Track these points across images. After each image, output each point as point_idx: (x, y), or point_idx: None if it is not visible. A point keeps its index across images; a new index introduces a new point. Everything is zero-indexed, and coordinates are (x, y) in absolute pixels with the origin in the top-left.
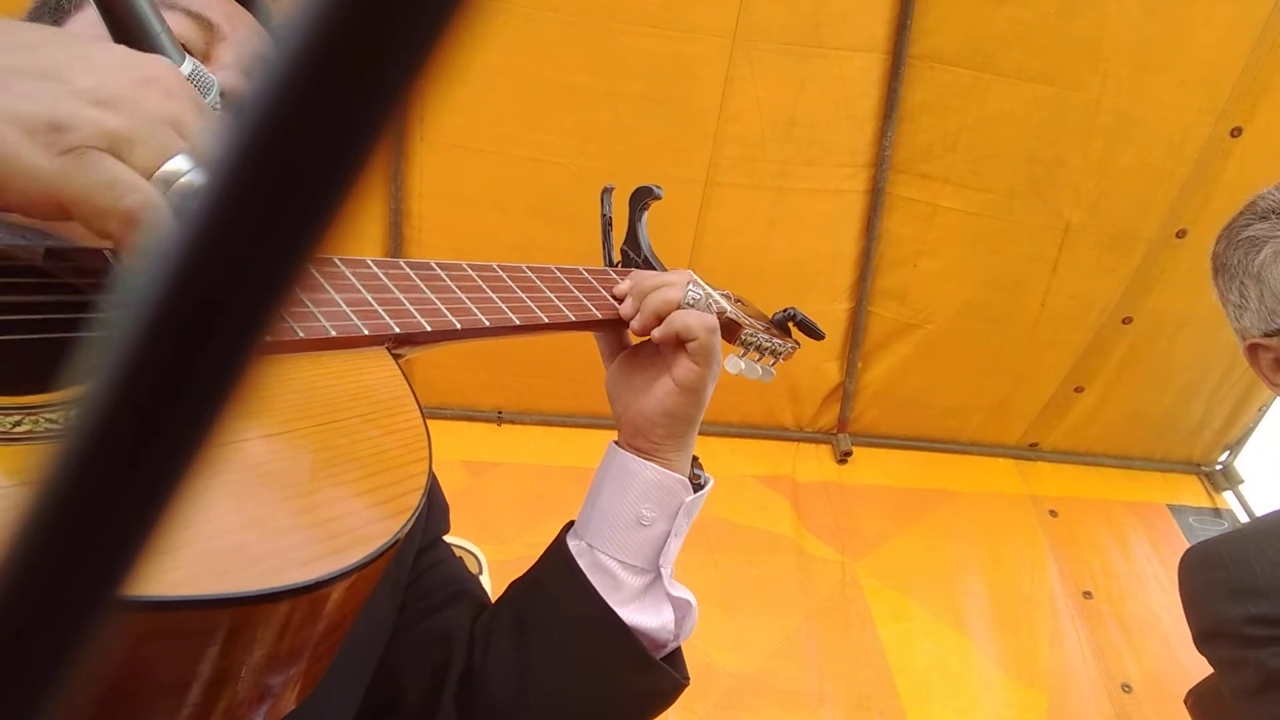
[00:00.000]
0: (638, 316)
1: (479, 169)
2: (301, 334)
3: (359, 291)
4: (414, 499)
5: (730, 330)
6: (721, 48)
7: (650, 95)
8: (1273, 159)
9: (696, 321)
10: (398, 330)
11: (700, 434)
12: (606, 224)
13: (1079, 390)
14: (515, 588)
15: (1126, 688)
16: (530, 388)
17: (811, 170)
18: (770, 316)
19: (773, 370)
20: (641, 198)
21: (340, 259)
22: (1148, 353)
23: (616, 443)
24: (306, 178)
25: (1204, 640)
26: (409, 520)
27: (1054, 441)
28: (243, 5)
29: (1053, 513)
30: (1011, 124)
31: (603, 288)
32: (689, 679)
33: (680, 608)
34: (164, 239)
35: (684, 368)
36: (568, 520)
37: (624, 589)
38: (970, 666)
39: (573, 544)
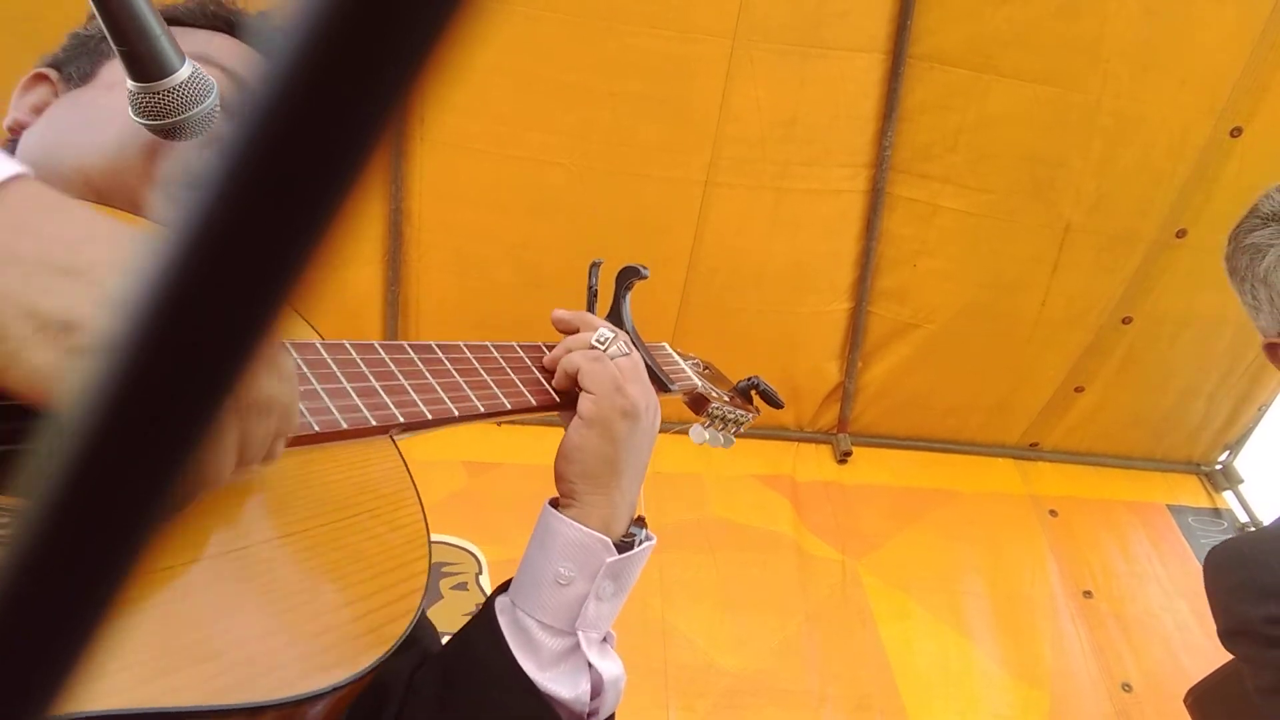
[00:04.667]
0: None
1: (479, 169)
2: (317, 427)
3: (368, 380)
4: (417, 599)
5: (699, 404)
6: (721, 48)
7: (650, 95)
8: (1273, 159)
9: (580, 357)
10: (402, 420)
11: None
12: (592, 296)
13: (1079, 390)
14: (448, 642)
15: (1127, 687)
16: None
17: (811, 170)
18: (735, 384)
19: (734, 438)
20: (627, 277)
21: (350, 344)
22: (1148, 353)
23: (549, 500)
24: (307, 178)
25: (1228, 637)
26: (413, 620)
27: (1054, 441)
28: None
29: (1053, 512)
30: (1011, 124)
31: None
32: None
33: (601, 680)
34: (167, 236)
35: (582, 400)
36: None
37: (541, 651)
38: (971, 666)
39: (499, 600)
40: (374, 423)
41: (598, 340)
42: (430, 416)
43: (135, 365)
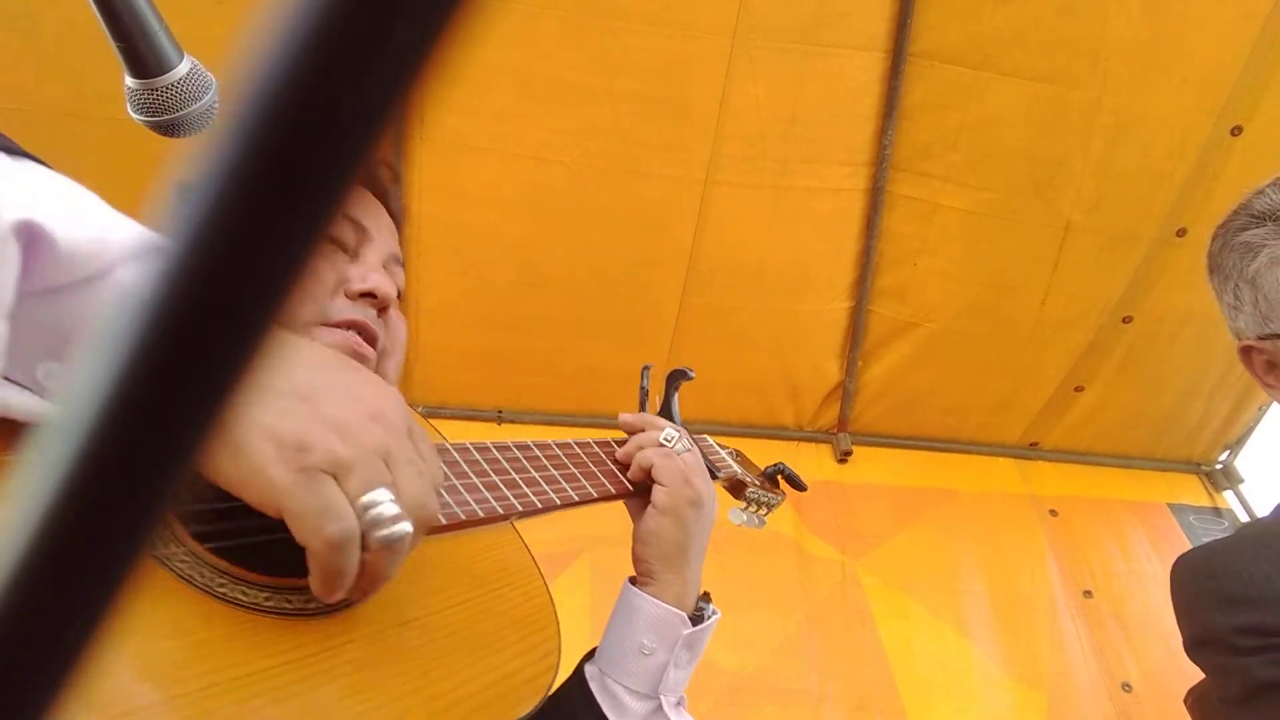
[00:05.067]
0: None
1: (479, 168)
2: (463, 516)
3: (490, 476)
4: (554, 659)
5: (737, 488)
6: (721, 46)
7: (650, 94)
8: (1273, 158)
9: (653, 454)
10: (520, 509)
11: (700, 434)
12: (644, 396)
13: (1079, 390)
14: (545, 706)
15: (1126, 687)
16: (530, 387)
17: (811, 169)
18: (762, 470)
19: (765, 519)
20: (676, 378)
21: (472, 445)
22: (1148, 352)
23: (629, 579)
24: (307, 179)
25: (1195, 647)
26: (556, 671)
27: (1054, 441)
28: (379, 198)
29: (1053, 512)
30: (1012, 123)
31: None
32: None
33: None
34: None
35: (656, 491)
36: (563, 519)
37: (628, 713)
38: (970, 665)
39: (588, 669)
40: (500, 511)
41: (665, 439)
42: (540, 506)
43: (135, 368)
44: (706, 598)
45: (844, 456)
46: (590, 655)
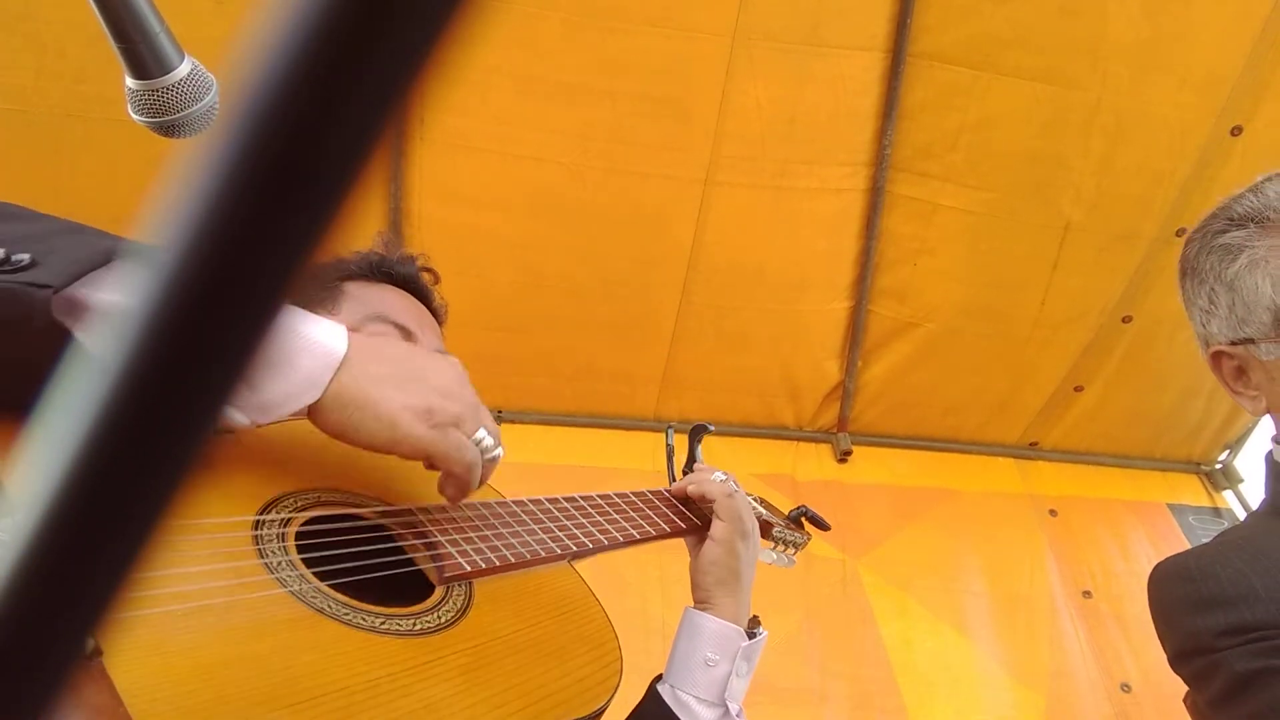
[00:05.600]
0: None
1: (479, 168)
2: (528, 556)
3: (549, 523)
4: (618, 665)
5: (765, 528)
6: (721, 47)
7: (650, 95)
8: (1273, 158)
9: (717, 490)
10: (574, 549)
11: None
12: (670, 454)
13: (1079, 389)
14: None
15: (1126, 687)
16: (530, 387)
17: (811, 169)
18: (786, 514)
19: (795, 559)
20: (699, 433)
21: (530, 500)
22: (1148, 352)
23: (689, 607)
24: (306, 179)
25: (1178, 658)
26: (620, 677)
27: (1054, 441)
28: (426, 306)
29: (1052, 512)
30: (1012, 123)
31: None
32: None
33: None
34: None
35: (715, 525)
36: None
37: (701, 719)
38: (970, 665)
39: (660, 686)
40: (572, 549)
41: (718, 478)
42: (591, 545)
43: (134, 372)
44: (756, 621)
45: (844, 456)
46: (659, 678)
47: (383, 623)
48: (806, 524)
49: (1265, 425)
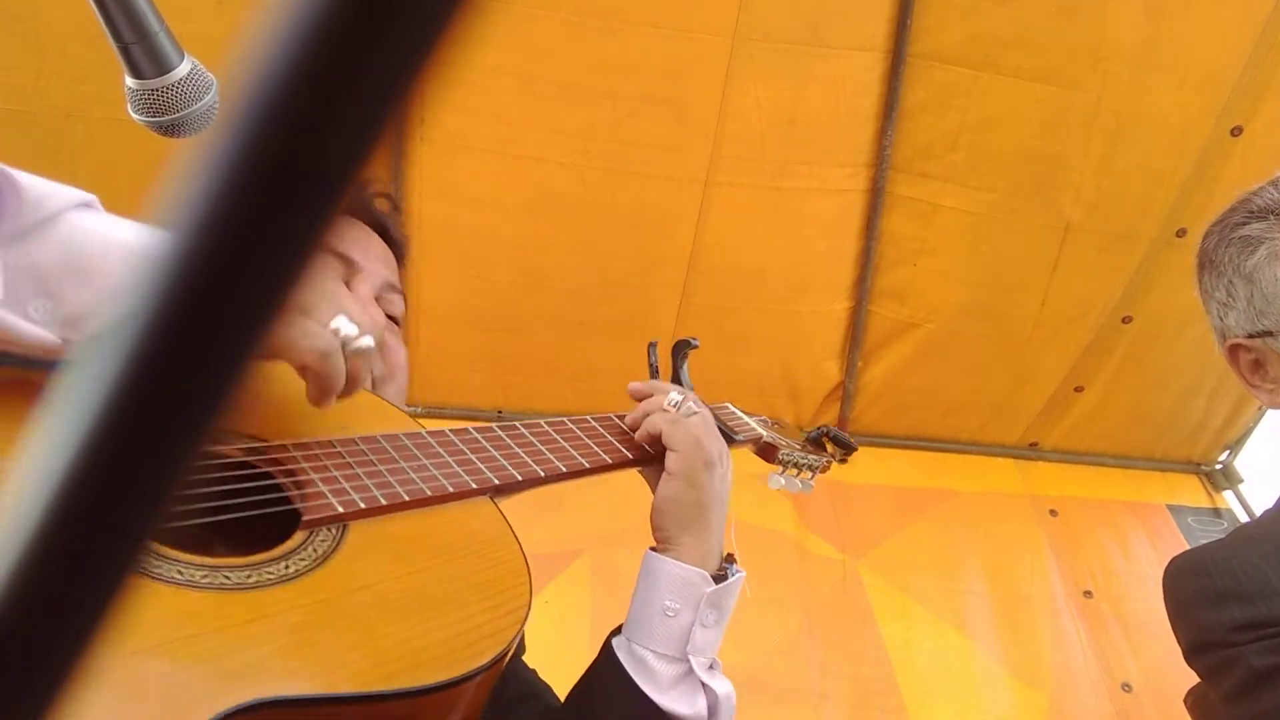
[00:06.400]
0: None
1: (479, 168)
2: (429, 492)
3: (466, 454)
4: (522, 614)
5: (768, 452)
6: (721, 47)
7: (650, 95)
8: (1274, 158)
9: (660, 420)
10: (496, 482)
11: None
12: (653, 372)
13: (1079, 390)
14: (574, 686)
15: (1126, 687)
16: (530, 388)
17: (811, 169)
18: (805, 434)
19: (811, 483)
20: (682, 349)
21: (451, 430)
22: (1148, 352)
23: (650, 548)
24: (306, 178)
25: (1193, 652)
26: (521, 628)
27: (1054, 441)
28: (375, 229)
29: (1053, 512)
30: (1012, 123)
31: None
32: None
33: (715, 697)
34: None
35: (668, 458)
36: (563, 519)
37: (659, 677)
38: (971, 665)
39: (615, 640)
40: (473, 486)
41: (670, 404)
42: (520, 478)
43: (134, 375)
44: (731, 559)
45: (844, 457)
46: (616, 631)
47: (205, 576)
48: (829, 444)
49: (1265, 426)
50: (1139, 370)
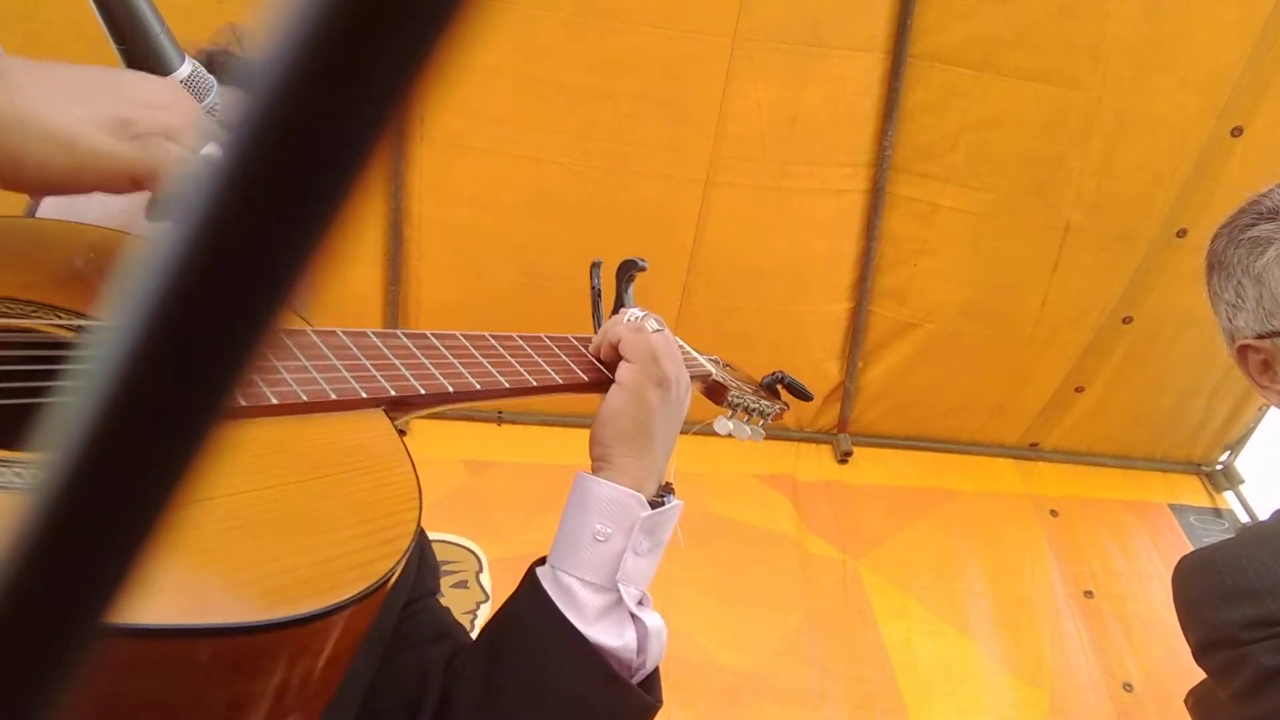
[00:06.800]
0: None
1: (479, 169)
2: (305, 397)
3: (358, 359)
4: (405, 542)
5: (717, 392)
6: (721, 47)
7: (650, 95)
8: (1274, 158)
9: (622, 329)
10: (393, 393)
11: (701, 434)
12: (596, 295)
13: (1079, 390)
14: (490, 619)
15: (1128, 687)
16: None
17: (812, 170)
18: (759, 380)
19: (761, 431)
20: (627, 270)
21: (343, 331)
22: (1148, 353)
23: (578, 472)
24: (306, 179)
25: (1202, 651)
26: (400, 560)
27: (1054, 441)
28: None
29: (1053, 512)
30: (1012, 124)
31: (590, 352)
32: (662, 702)
33: (645, 630)
34: (169, 236)
35: (621, 368)
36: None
37: (585, 608)
38: (972, 665)
39: (538, 569)
40: (363, 395)
41: (631, 317)
42: (423, 391)
43: (131, 376)
44: (669, 488)
45: (844, 457)
46: (540, 561)
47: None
48: (784, 392)
49: (1266, 426)
50: (1139, 370)
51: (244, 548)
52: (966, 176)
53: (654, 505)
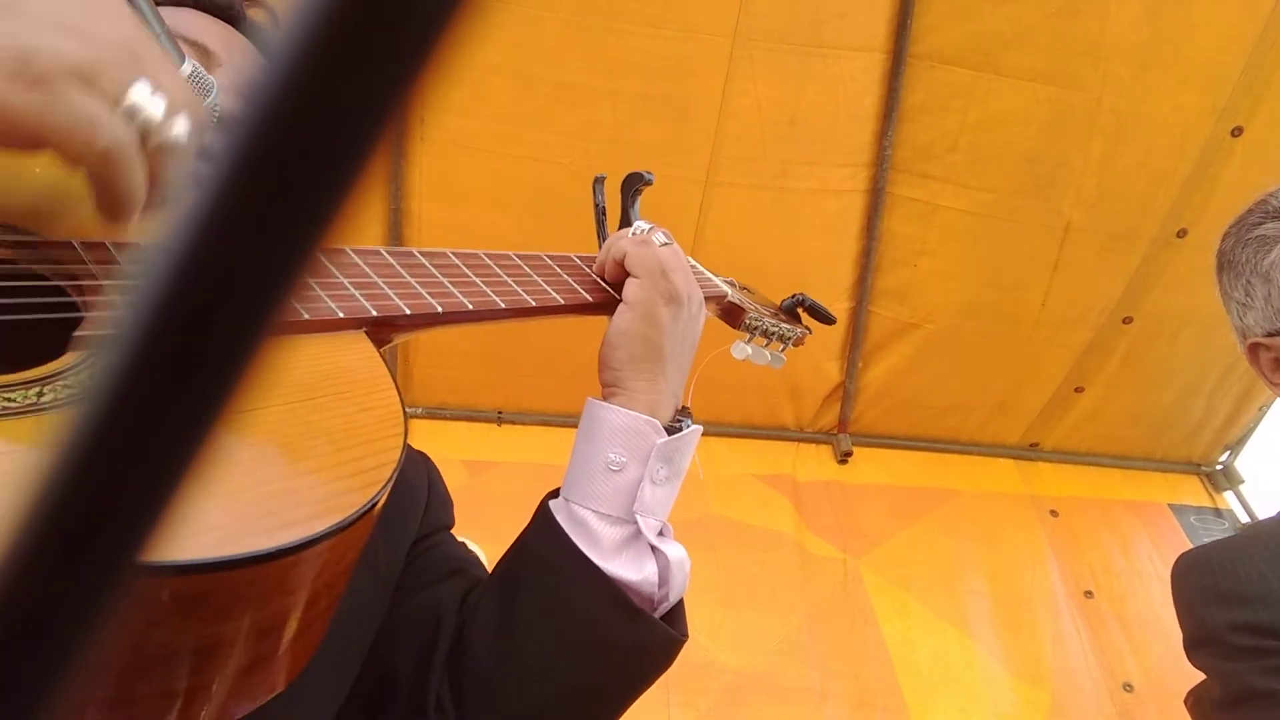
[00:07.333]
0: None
1: (479, 168)
2: (341, 313)
3: (335, 277)
4: (386, 471)
5: (734, 314)
6: (721, 47)
7: (650, 95)
8: (1274, 158)
9: (627, 243)
10: (374, 313)
11: (702, 434)
12: (600, 213)
13: (1079, 390)
14: (503, 556)
15: (1128, 687)
16: (530, 388)
17: (812, 170)
18: (779, 304)
19: (782, 356)
20: (633, 184)
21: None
22: (1148, 353)
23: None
24: (307, 178)
25: (1192, 647)
26: (381, 490)
27: (1054, 441)
28: (238, 30)
29: (1053, 512)
30: (1012, 124)
31: (594, 272)
32: (687, 635)
33: (666, 561)
34: (168, 236)
35: (628, 285)
36: None
37: (601, 542)
38: (972, 665)
39: (551, 502)
40: (340, 315)
41: (636, 230)
42: (408, 311)
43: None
44: (686, 412)
45: (844, 457)
46: (554, 493)
47: (39, 394)
48: (804, 315)
49: (1266, 426)
50: (1139, 370)
51: (215, 481)
52: (966, 176)
53: (670, 431)
